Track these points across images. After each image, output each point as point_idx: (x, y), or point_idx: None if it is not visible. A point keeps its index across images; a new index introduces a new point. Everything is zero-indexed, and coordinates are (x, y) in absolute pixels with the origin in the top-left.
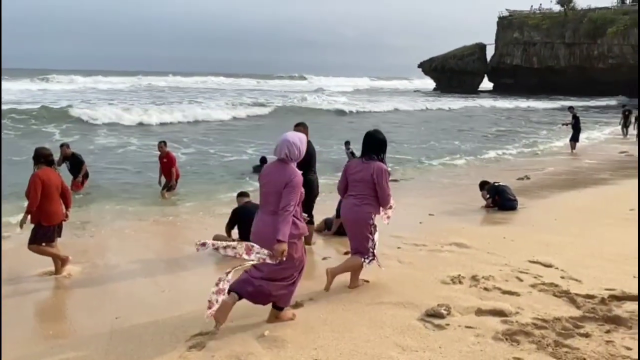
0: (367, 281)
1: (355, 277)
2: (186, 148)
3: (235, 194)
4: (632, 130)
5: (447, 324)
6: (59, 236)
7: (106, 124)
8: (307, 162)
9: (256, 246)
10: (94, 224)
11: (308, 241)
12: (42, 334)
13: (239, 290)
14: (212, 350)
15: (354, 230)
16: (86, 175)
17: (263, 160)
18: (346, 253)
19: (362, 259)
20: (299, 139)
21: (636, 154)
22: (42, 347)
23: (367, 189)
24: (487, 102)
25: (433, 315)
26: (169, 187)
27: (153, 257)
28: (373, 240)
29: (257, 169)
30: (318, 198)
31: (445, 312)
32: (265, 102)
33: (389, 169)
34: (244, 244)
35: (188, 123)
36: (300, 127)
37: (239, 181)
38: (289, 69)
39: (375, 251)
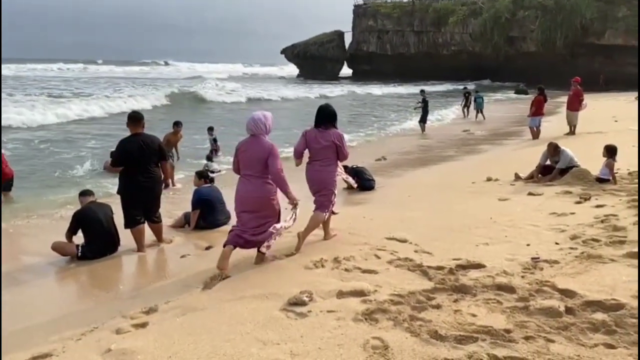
0: (229, 276)
1: (328, 228)
2: (22, 146)
3: (75, 194)
4: (472, 111)
5: (309, 311)
6: None
7: None
8: (138, 160)
9: (293, 214)
10: None
11: (159, 239)
12: None
13: (234, 242)
14: None
15: (322, 188)
16: None
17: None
18: (207, 248)
19: (324, 213)
20: (263, 116)
21: (477, 132)
22: None
23: (329, 153)
24: (346, 88)
25: (295, 303)
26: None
27: None
28: (335, 195)
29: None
30: (173, 194)
31: (307, 299)
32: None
33: None
34: (293, 216)
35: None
36: (128, 121)
37: (78, 180)
38: (150, 54)
39: (334, 202)
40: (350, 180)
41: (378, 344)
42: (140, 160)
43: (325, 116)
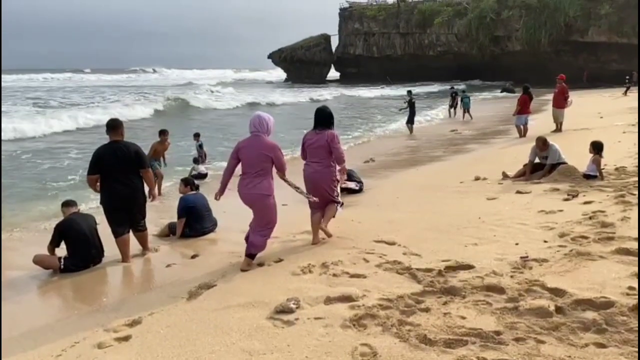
0: (215, 285)
1: (317, 232)
2: (4, 158)
3: (58, 205)
4: (459, 110)
5: (297, 319)
6: None
7: None
8: (112, 167)
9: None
10: None
11: (145, 247)
12: None
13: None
14: None
15: (321, 189)
16: None
17: None
18: (193, 257)
19: (336, 205)
20: (268, 117)
21: (465, 132)
22: None
23: (325, 154)
24: (335, 91)
25: (282, 311)
26: None
27: None
28: (337, 191)
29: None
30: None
31: (294, 306)
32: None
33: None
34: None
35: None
36: (106, 129)
37: (61, 192)
38: (137, 62)
39: (340, 199)
40: (350, 184)
41: (366, 351)
42: (114, 168)
43: (322, 118)
